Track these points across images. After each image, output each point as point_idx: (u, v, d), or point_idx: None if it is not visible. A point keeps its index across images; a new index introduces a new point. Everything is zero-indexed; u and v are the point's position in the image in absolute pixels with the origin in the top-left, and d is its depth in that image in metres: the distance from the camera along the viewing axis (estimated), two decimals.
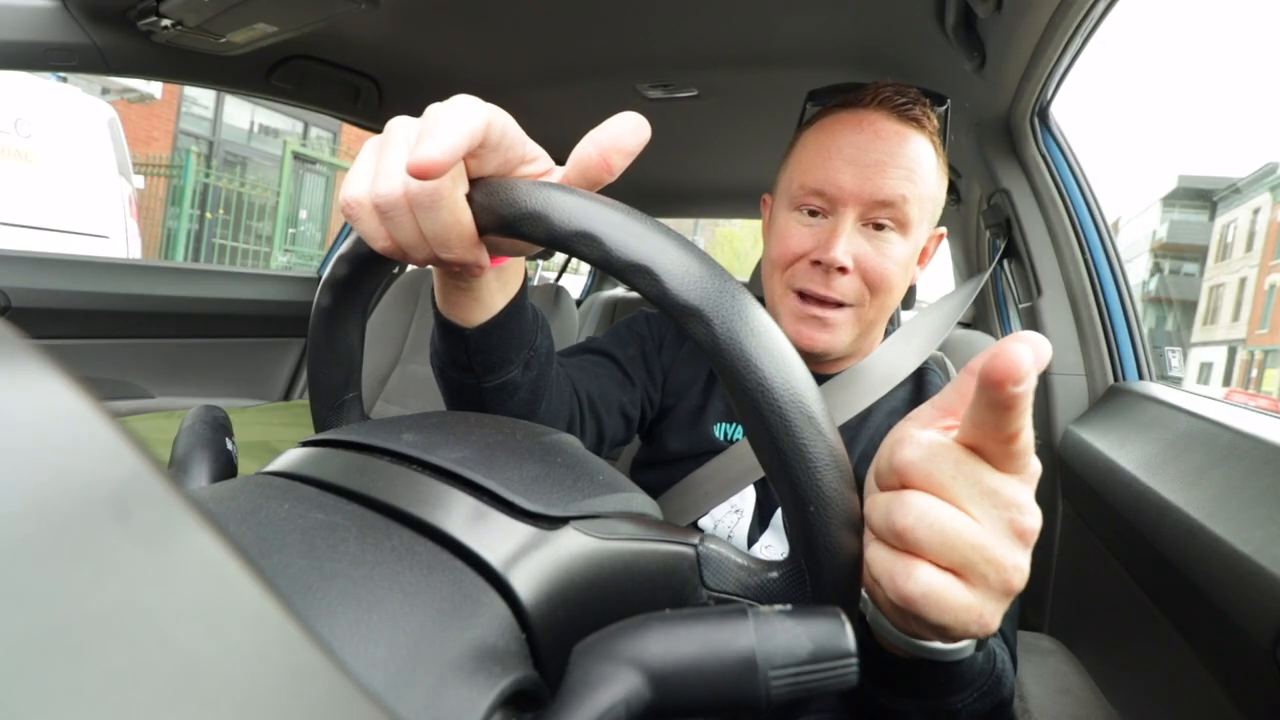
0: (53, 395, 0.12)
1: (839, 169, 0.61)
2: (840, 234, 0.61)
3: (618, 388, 0.67)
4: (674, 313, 0.26)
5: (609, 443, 0.66)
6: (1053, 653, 0.87)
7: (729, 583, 0.29)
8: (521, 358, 0.48)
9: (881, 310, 0.65)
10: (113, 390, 1.52)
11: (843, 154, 0.62)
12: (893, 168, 0.60)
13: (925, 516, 0.24)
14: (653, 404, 0.74)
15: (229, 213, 7.02)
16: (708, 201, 2.31)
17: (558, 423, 0.56)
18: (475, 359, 0.46)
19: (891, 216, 0.62)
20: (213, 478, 0.33)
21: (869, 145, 0.61)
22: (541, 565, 0.25)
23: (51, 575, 0.10)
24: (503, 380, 0.48)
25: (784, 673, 0.21)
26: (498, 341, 0.46)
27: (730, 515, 0.68)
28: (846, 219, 0.61)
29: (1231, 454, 0.63)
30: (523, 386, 0.49)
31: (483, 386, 0.47)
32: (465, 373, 0.47)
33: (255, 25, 1.06)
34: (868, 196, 0.61)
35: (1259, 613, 0.48)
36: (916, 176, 0.61)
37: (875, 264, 0.62)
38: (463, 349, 0.45)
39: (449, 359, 0.47)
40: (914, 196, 0.61)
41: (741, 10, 0.98)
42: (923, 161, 0.62)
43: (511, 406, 0.49)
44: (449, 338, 0.45)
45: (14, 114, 3.41)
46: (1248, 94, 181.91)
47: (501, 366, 0.47)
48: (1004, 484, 0.25)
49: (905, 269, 0.64)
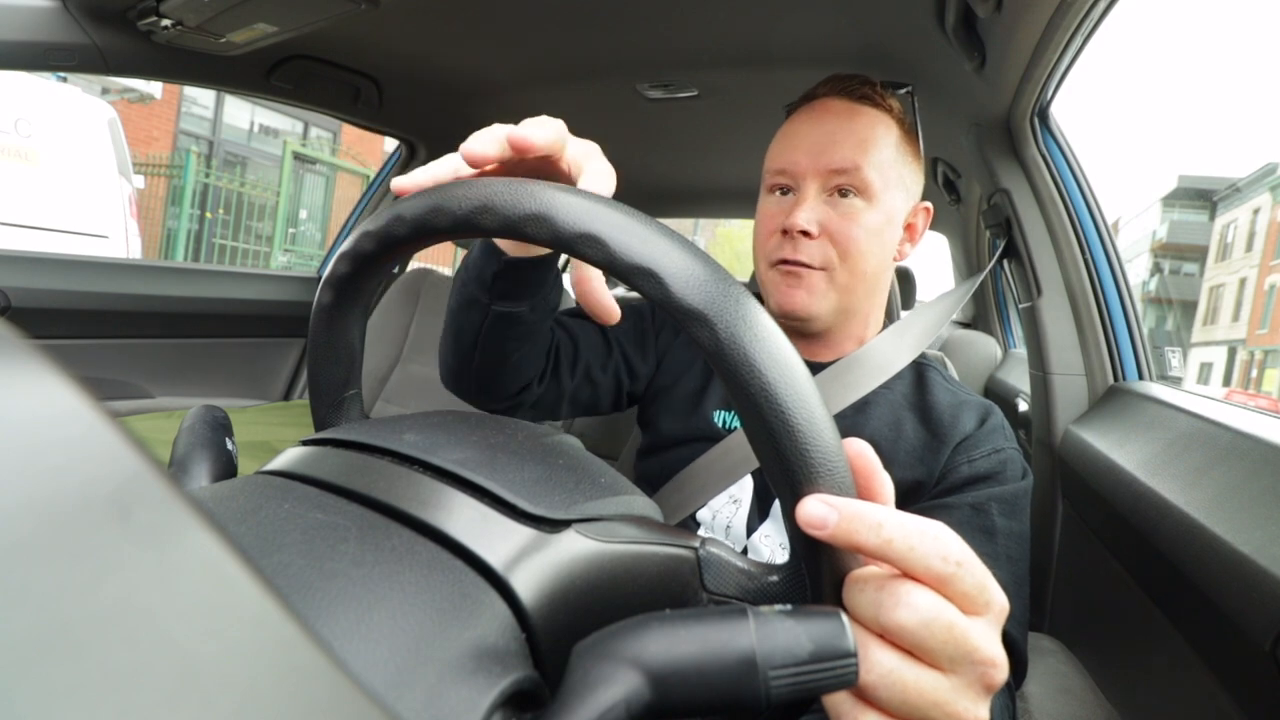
0: (53, 395, 0.12)
1: (795, 147, 0.68)
2: (801, 203, 0.66)
3: (590, 349, 0.71)
4: (677, 315, 0.26)
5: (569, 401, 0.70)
6: (1053, 653, 0.87)
7: (729, 586, 0.29)
8: (535, 299, 0.55)
9: (856, 276, 0.67)
10: (113, 390, 1.51)
11: (798, 135, 0.68)
12: (844, 137, 0.66)
13: (890, 675, 0.24)
14: (634, 376, 0.75)
15: (229, 213, 7.02)
16: (708, 201, 2.31)
17: (531, 368, 0.62)
18: (499, 282, 0.53)
19: (850, 183, 0.66)
20: (213, 478, 0.33)
21: (819, 122, 0.68)
22: (543, 568, 0.25)
23: (52, 575, 0.10)
24: (510, 310, 0.55)
25: (784, 673, 0.21)
26: (528, 277, 0.53)
27: (729, 505, 0.68)
28: (808, 190, 0.66)
29: (1231, 454, 0.63)
30: (522, 323, 0.56)
31: (492, 308, 0.55)
32: (484, 291, 0.54)
33: (255, 25, 1.06)
34: (823, 166, 0.66)
35: (1259, 613, 0.48)
36: (870, 145, 0.66)
37: (839, 227, 0.66)
38: (492, 270, 0.53)
39: (476, 275, 0.54)
40: (868, 163, 0.65)
41: (741, 10, 0.98)
42: (876, 132, 0.67)
43: (507, 335, 0.56)
44: (488, 256, 0.53)
45: (14, 114, 3.41)
46: (1248, 94, 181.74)
47: (516, 298, 0.54)
48: (984, 641, 0.24)
49: (877, 235, 0.67)
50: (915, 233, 0.73)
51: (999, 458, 0.62)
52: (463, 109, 1.50)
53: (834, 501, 0.25)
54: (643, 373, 0.76)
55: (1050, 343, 1.04)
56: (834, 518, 0.24)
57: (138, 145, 6.50)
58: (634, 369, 0.75)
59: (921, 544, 0.24)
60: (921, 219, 0.73)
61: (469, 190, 0.30)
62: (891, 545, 0.24)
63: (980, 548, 0.49)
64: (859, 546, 0.25)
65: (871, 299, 0.71)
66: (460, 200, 0.30)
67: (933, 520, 0.26)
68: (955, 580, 0.24)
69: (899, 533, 0.24)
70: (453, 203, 0.30)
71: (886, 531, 0.24)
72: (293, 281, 1.83)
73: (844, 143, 0.65)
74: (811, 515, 0.24)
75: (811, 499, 0.25)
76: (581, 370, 0.69)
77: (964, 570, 0.25)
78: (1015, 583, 0.57)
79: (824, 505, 0.25)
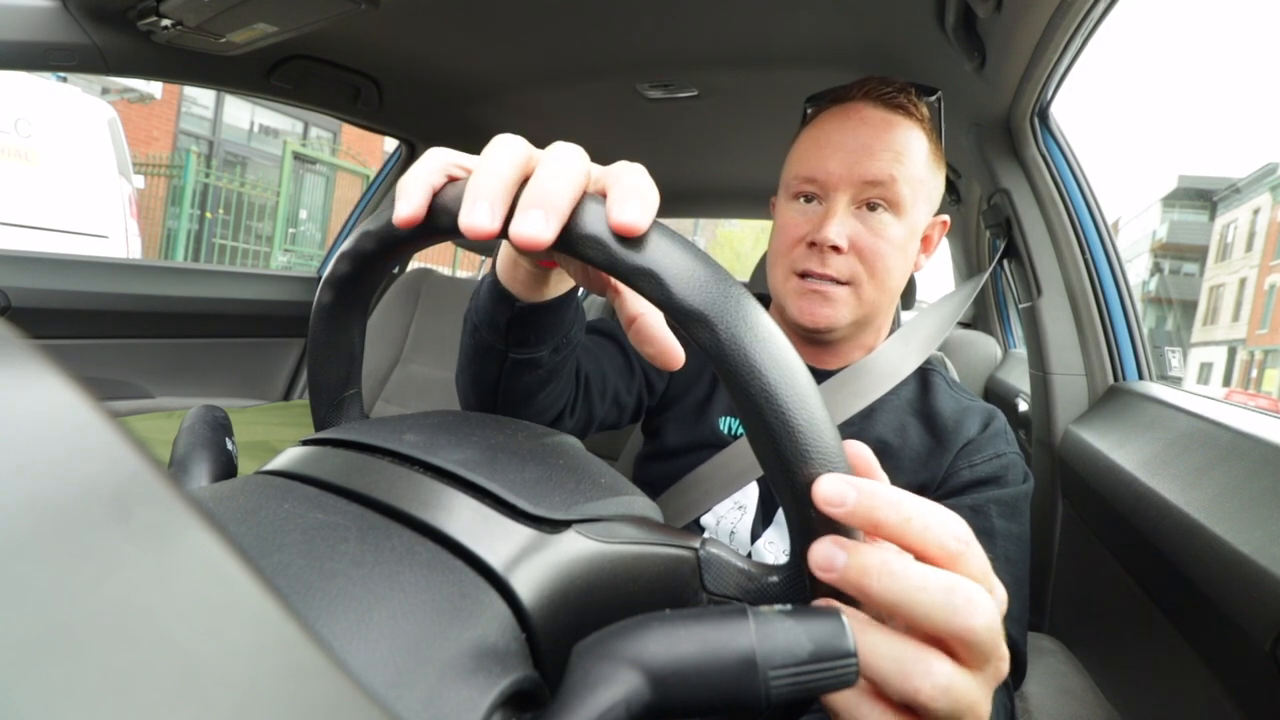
0: (53, 395, 0.12)
1: (828, 156, 0.64)
2: (832, 216, 0.63)
3: (616, 373, 0.68)
4: (679, 317, 0.26)
5: (597, 425, 0.67)
6: (1053, 653, 0.87)
7: (729, 586, 0.29)
8: (555, 341, 0.50)
9: (882, 291, 0.66)
10: (113, 390, 1.51)
11: (831, 142, 0.65)
12: (880, 150, 0.63)
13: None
14: (653, 392, 0.74)
15: (229, 213, 7.02)
16: (708, 201, 2.31)
17: (559, 402, 0.57)
18: (514, 330, 0.47)
19: (882, 196, 0.63)
20: (213, 478, 0.33)
21: (855, 131, 0.64)
22: (543, 568, 0.25)
23: (51, 575, 0.10)
24: (530, 356, 0.49)
25: (784, 673, 0.21)
26: (543, 322, 0.47)
27: (734, 511, 0.68)
28: (839, 201, 0.64)
29: (1231, 454, 0.63)
30: (544, 366, 0.51)
31: (510, 355, 0.49)
32: (499, 337, 0.48)
33: (255, 25, 1.06)
34: (857, 178, 0.63)
35: (1259, 613, 0.48)
36: (905, 158, 0.63)
37: (869, 243, 0.64)
38: (505, 318, 0.47)
39: (488, 321, 0.48)
40: (903, 177, 0.63)
41: (741, 10, 0.98)
42: (911, 144, 0.64)
43: (526, 380, 0.51)
44: (498, 303, 0.46)
45: (14, 114, 3.41)
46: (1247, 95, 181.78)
47: (535, 344, 0.49)
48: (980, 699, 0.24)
49: (903, 249, 0.65)
50: (930, 245, 0.72)
51: (1000, 462, 0.62)
52: (463, 109, 1.49)
53: (851, 480, 0.25)
54: (659, 388, 0.75)
55: (1050, 343, 1.04)
56: (852, 495, 0.25)
57: (138, 145, 6.51)
58: (653, 385, 0.74)
59: (937, 523, 0.25)
60: (938, 231, 0.71)
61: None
62: (910, 523, 0.25)
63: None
64: (878, 524, 0.25)
65: (888, 311, 0.70)
66: (460, 201, 0.30)
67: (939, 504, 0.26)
68: (964, 560, 0.25)
69: (916, 511, 0.25)
70: (454, 203, 0.30)
71: (905, 510, 0.25)
72: (293, 281, 1.83)
73: (880, 155, 0.62)
74: (830, 492, 0.25)
75: (829, 476, 0.25)
76: (610, 395, 0.67)
77: (972, 550, 0.25)
78: (1015, 583, 0.57)
79: (842, 482, 0.25)
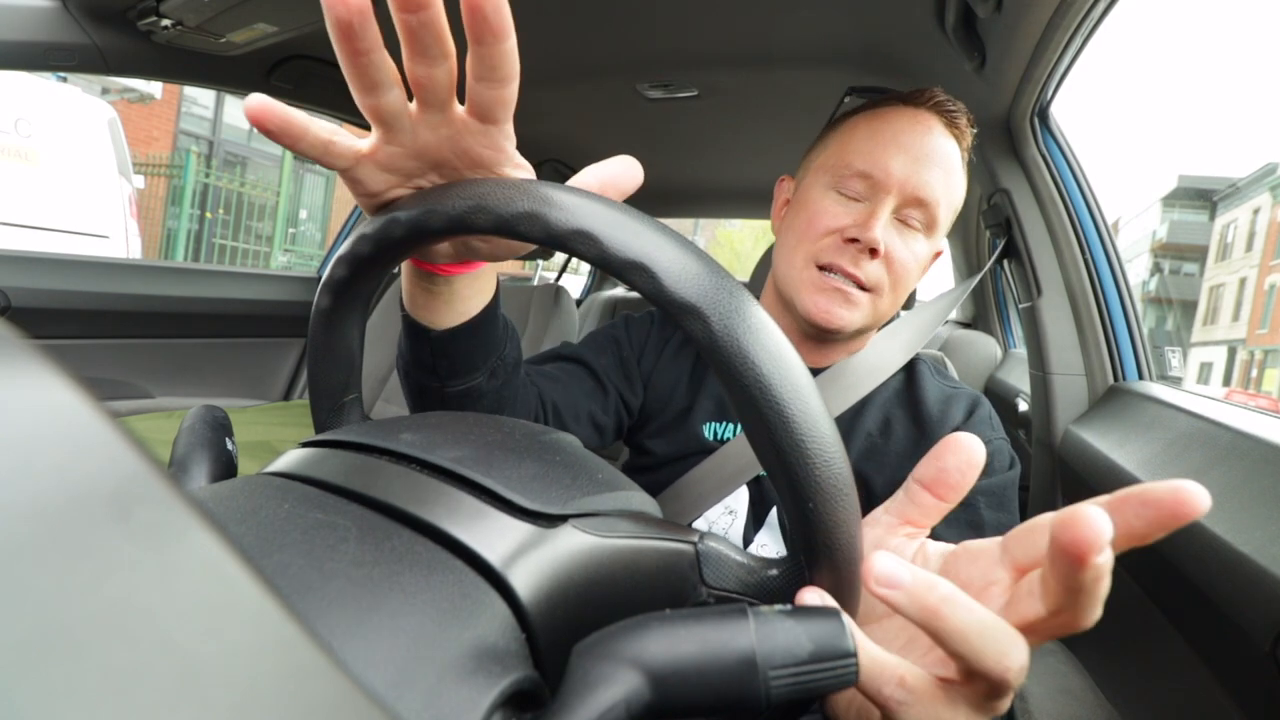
0: (53, 395, 0.12)
1: (892, 154, 0.62)
2: (879, 217, 0.62)
3: (587, 396, 0.68)
4: (671, 310, 0.26)
5: None
6: (1053, 653, 0.87)
7: (729, 580, 0.29)
8: (488, 365, 0.48)
9: (895, 304, 0.67)
10: (113, 390, 1.52)
11: (897, 140, 0.63)
12: (937, 167, 0.62)
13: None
14: (630, 410, 0.73)
15: (229, 213, 7.02)
16: (708, 201, 2.31)
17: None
18: (440, 362, 0.46)
19: (922, 217, 0.63)
20: (213, 478, 0.33)
21: (922, 138, 0.63)
22: (541, 564, 0.25)
23: (51, 575, 0.10)
24: (467, 386, 0.48)
25: (784, 673, 0.21)
26: (465, 347, 0.46)
27: (725, 517, 0.67)
28: (886, 205, 0.62)
29: (1231, 454, 0.63)
30: (487, 394, 0.49)
31: (446, 390, 0.47)
32: (429, 375, 0.47)
33: (255, 25, 1.06)
34: (911, 189, 0.62)
35: (1259, 613, 0.48)
36: (951, 183, 0.64)
37: (901, 256, 0.63)
38: (427, 351, 0.45)
39: (413, 360, 0.47)
40: (946, 202, 0.64)
41: (741, 10, 0.98)
42: (958, 172, 0.65)
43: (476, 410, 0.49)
44: (414, 339, 0.45)
45: (14, 114, 3.41)
46: (1247, 95, 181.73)
47: (467, 372, 0.47)
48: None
49: (921, 269, 0.66)
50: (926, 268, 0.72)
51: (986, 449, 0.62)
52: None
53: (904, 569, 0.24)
54: (634, 405, 0.74)
55: (1050, 343, 1.04)
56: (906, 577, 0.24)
57: (138, 145, 6.50)
58: (629, 403, 0.73)
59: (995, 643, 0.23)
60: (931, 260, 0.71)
61: (462, 190, 0.30)
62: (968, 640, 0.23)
63: None
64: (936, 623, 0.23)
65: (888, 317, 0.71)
66: (454, 201, 0.30)
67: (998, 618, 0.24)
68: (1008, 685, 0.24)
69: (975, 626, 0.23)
70: (446, 204, 0.30)
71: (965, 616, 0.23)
72: (293, 282, 1.83)
73: (935, 172, 0.62)
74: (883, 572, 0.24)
75: (881, 555, 0.25)
76: (585, 418, 0.67)
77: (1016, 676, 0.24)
78: None
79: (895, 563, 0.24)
